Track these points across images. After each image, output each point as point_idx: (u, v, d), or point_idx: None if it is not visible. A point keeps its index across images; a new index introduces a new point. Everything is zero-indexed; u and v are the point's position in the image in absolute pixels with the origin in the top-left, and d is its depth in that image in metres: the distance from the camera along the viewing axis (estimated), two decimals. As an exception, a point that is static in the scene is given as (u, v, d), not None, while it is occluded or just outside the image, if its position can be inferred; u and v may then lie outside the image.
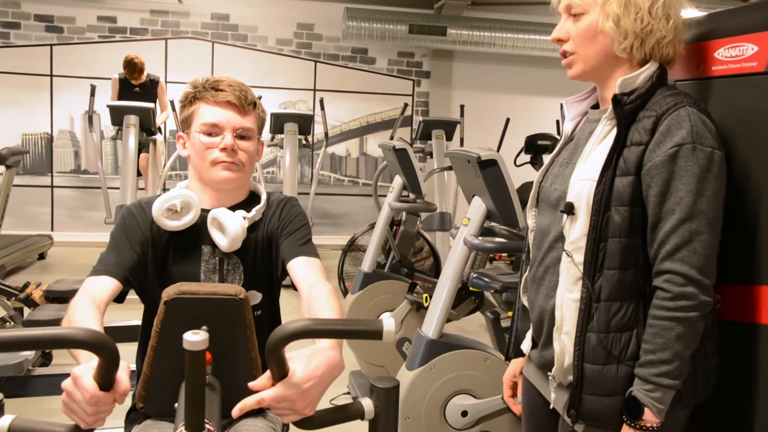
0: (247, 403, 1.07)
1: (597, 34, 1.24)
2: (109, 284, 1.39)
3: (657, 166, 1.16)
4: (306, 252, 1.49)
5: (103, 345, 0.98)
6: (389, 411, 1.17)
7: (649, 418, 1.17)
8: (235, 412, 1.08)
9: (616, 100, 1.21)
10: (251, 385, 1.07)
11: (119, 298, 1.47)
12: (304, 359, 1.10)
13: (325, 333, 1.11)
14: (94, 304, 1.31)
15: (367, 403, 1.16)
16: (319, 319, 1.26)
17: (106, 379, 1.05)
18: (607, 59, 1.25)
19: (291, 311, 1.42)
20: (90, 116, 5.74)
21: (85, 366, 1.06)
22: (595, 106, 1.37)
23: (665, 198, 1.16)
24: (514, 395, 1.57)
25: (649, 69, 1.23)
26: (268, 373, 1.07)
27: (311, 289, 1.37)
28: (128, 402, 1.53)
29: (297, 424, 1.12)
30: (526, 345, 1.48)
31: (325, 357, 1.12)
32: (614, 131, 1.22)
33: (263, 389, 1.06)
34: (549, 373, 1.32)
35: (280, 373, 1.07)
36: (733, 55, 1.24)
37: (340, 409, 1.18)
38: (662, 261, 1.16)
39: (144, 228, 1.50)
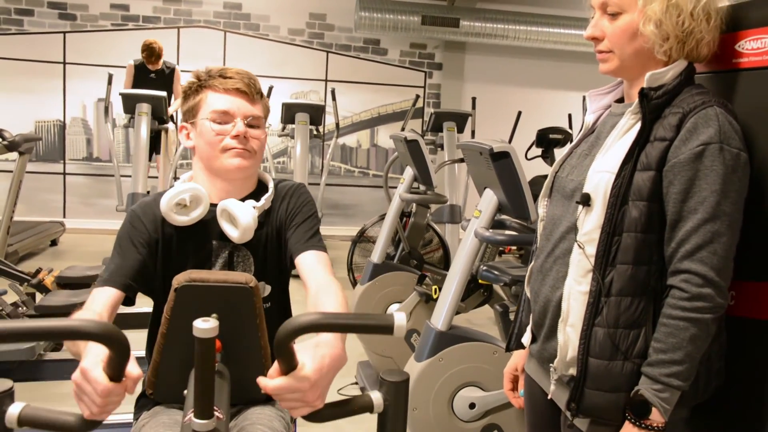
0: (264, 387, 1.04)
1: (636, 35, 1.21)
2: (111, 295, 1.38)
3: (681, 164, 1.14)
4: (314, 246, 1.48)
5: (115, 337, 0.97)
6: (399, 404, 1.13)
7: (656, 418, 1.16)
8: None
9: (643, 94, 1.19)
10: (260, 380, 1.04)
11: (128, 302, 1.45)
12: (311, 351, 1.06)
13: (336, 327, 1.08)
14: (98, 317, 1.29)
15: (377, 397, 1.13)
16: (329, 312, 1.24)
17: (116, 371, 1.04)
18: (644, 59, 1.23)
19: (300, 301, 1.41)
20: (106, 105, 5.76)
21: (92, 359, 1.05)
22: (619, 100, 1.36)
23: (688, 196, 1.14)
24: (514, 388, 1.56)
25: (679, 66, 1.21)
26: (276, 365, 1.03)
27: (318, 285, 1.38)
28: (138, 388, 1.53)
29: (307, 417, 1.09)
30: (526, 338, 1.48)
31: (331, 349, 1.10)
32: (637, 125, 1.20)
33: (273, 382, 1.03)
34: (551, 365, 1.31)
35: (289, 365, 1.03)
36: (754, 47, 1.22)
37: (349, 402, 1.14)
38: (681, 260, 1.15)
39: (151, 228, 1.47)
